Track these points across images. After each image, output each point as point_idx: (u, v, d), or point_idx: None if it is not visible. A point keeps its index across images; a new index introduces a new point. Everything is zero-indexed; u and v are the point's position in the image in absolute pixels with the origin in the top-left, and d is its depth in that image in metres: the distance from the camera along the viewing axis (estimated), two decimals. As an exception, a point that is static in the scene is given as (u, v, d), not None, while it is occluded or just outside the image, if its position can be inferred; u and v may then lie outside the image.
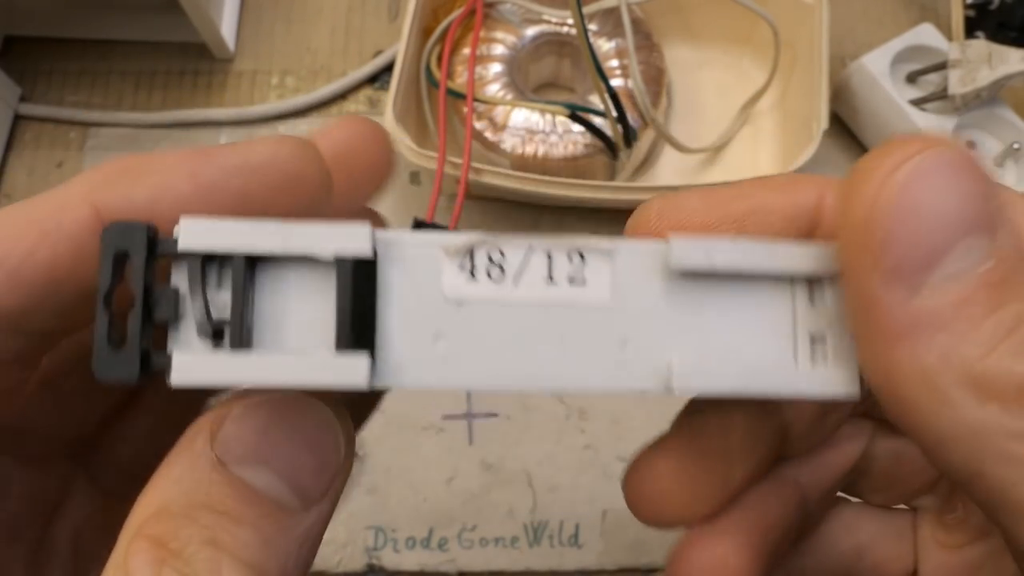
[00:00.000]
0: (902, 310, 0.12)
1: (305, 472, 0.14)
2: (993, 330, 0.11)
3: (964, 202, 0.12)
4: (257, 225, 0.14)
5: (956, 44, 0.42)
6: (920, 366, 0.12)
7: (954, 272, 0.12)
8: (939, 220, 0.12)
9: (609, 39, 0.44)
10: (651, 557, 0.39)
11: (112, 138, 0.48)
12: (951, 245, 0.12)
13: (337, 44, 0.50)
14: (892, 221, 0.12)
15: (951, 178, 0.12)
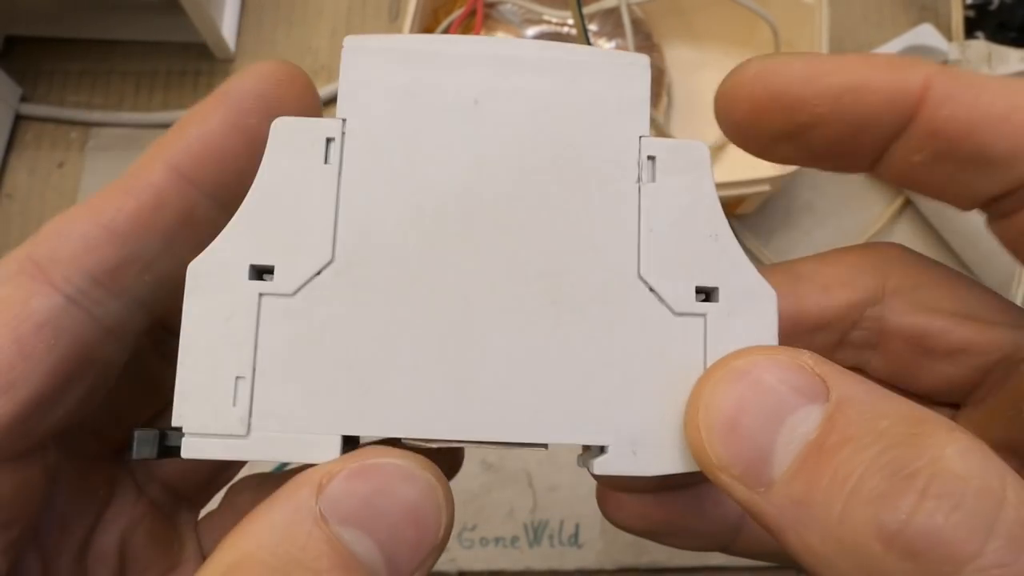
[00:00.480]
0: (769, 509, 0.13)
1: (403, 546, 0.14)
2: (836, 497, 0.12)
3: (765, 396, 0.13)
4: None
5: (956, 44, 0.43)
6: (807, 549, 0.12)
7: (788, 456, 0.13)
8: (751, 425, 0.13)
9: (609, 39, 0.44)
10: (651, 557, 0.39)
11: (113, 138, 0.48)
12: (772, 439, 0.13)
13: (338, 44, 0.50)
14: (715, 451, 0.13)
15: (752, 380, 0.13)
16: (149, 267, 0.16)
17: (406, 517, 0.14)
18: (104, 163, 0.47)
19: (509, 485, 0.40)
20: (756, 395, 0.13)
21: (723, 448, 0.13)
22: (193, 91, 0.49)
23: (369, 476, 0.14)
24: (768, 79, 0.16)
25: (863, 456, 0.12)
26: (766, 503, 0.13)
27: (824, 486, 0.12)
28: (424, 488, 0.14)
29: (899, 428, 0.12)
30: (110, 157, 0.48)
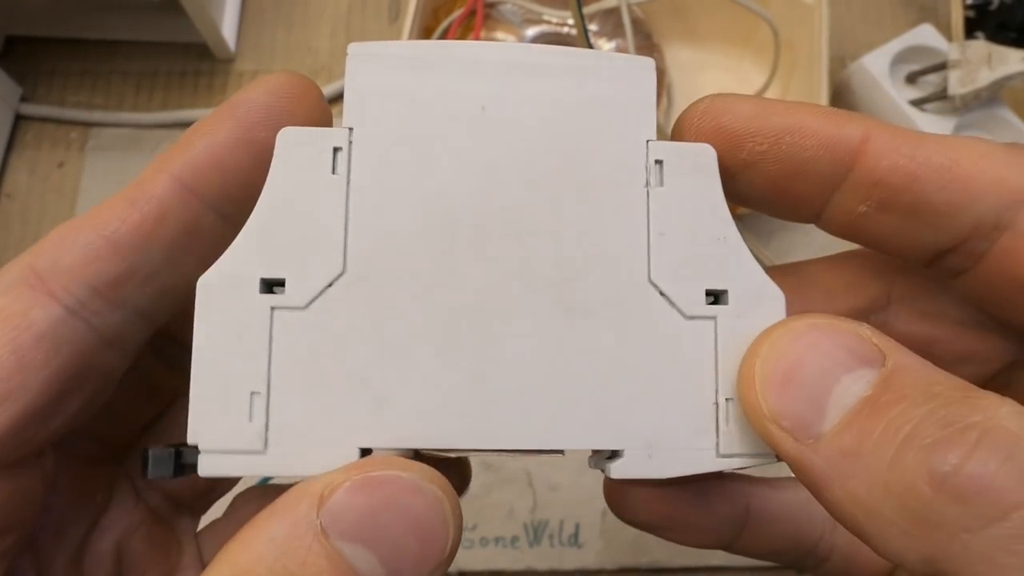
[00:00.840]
0: (816, 460, 0.13)
1: (407, 561, 0.13)
2: (890, 433, 0.12)
3: (823, 356, 0.14)
4: None
5: (956, 45, 0.43)
6: (852, 499, 0.13)
7: (839, 410, 0.13)
8: (806, 380, 0.14)
9: (609, 39, 0.44)
10: (651, 557, 0.39)
11: (113, 138, 0.48)
12: (827, 393, 0.13)
13: (338, 44, 0.50)
14: (768, 400, 0.14)
15: (811, 340, 0.14)
16: (151, 279, 0.16)
17: (411, 532, 0.13)
18: (104, 163, 0.47)
19: (509, 485, 0.40)
20: (814, 353, 0.14)
21: (776, 399, 0.14)
22: (193, 91, 0.49)
23: (373, 489, 0.13)
24: (716, 114, 0.17)
25: (917, 411, 0.12)
26: (814, 454, 0.13)
27: (876, 437, 0.12)
28: (430, 501, 0.14)
29: (952, 392, 0.12)
30: (110, 157, 0.48)
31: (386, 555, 0.13)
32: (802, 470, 0.14)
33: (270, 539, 0.13)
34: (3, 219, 0.47)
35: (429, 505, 0.14)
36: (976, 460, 0.11)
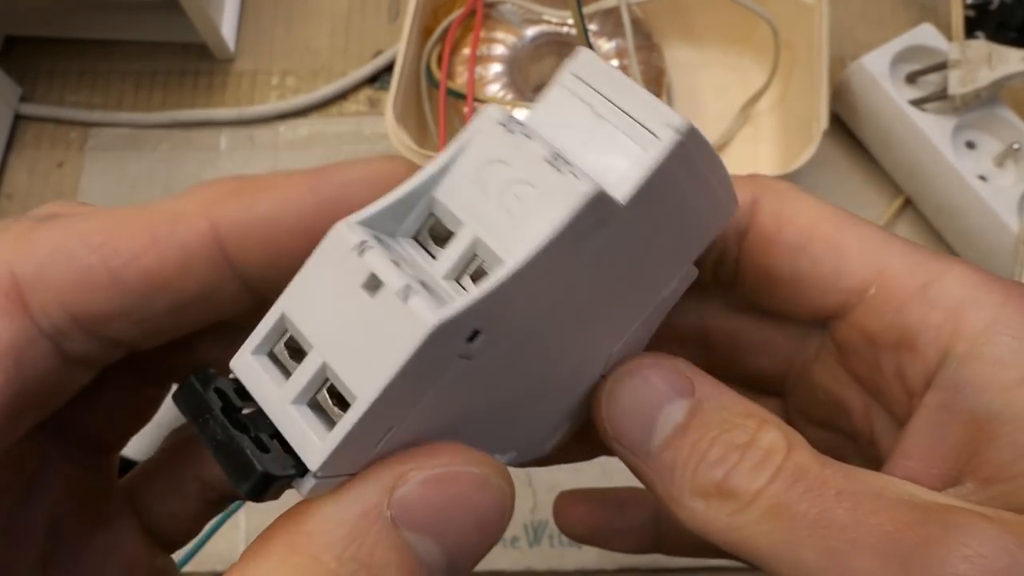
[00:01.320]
0: (647, 471, 0.18)
1: (466, 550, 0.14)
2: (694, 456, 0.17)
3: (650, 390, 0.18)
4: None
5: (956, 44, 0.42)
6: (671, 498, 0.17)
7: (662, 434, 0.17)
8: (637, 410, 0.18)
9: (609, 39, 0.44)
10: (651, 557, 0.39)
11: (113, 138, 0.48)
12: (653, 421, 0.17)
13: (337, 44, 0.50)
14: (612, 427, 0.18)
15: (642, 377, 0.18)
16: (142, 322, 0.15)
17: (474, 525, 0.14)
18: (104, 163, 0.47)
19: (509, 485, 0.40)
20: (644, 390, 0.18)
21: (620, 427, 0.18)
22: (192, 91, 0.49)
23: (446, 484, 0.13)
24: None
25: (710, 435, 0.17)
26: (645, 467, 0.17)
27: (684, 455, 0.17)
28: (497, 496, 0.14)
29: (734, 419, 0.17)
30: (110, 157, 0.48)
31: (450, 547, 0.13)
32: (638, 477, 0.18)
33: (337, 525, 0.13)
34: (3, 219, 0.46)
35: (494, 500, 0.14)
36: (735, 472, 0.16)
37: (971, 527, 0.15)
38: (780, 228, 0.19)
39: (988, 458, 0.16)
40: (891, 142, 0.44)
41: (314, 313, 0.14)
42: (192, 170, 0.47)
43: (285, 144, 0.48)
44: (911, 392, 0.18)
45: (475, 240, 0.15)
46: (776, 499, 0.16)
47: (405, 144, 0.39)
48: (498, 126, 0.15)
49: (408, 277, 0.14)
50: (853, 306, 0.19)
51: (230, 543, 0.38)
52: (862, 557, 0.15)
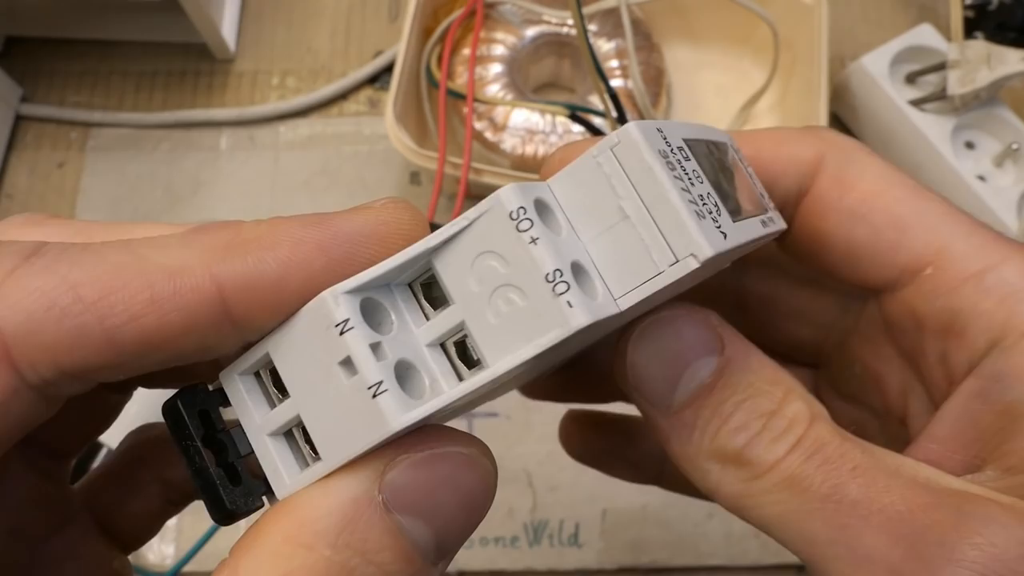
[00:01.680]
0: (663, 424, 0.17)
1: (454, 531, 0.14)
2: (716, 418, 0.17)
3: (678, 342, 0.17)
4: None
5: (955, 45, 0.43)
6: (685, 456, 0.17)
7: (686, 390, 0.17)
8: (663, 362, 0.17)
9: (609, 39, 0.44)
10: (651, 557, 0.39)
11: (113, 138, 0.48)
12: (678, 375, 0.17)
13: (338, 44, 0.50)
14: (635, 375, 0.17)
15: (664, 334, 0.17)
16: (131, 371, 0.14)
17: (462, 505, 0.14)
18: (104, 163, 0.47)
19: (509, 485, 0.40)
20: (673, 341, 0.17)
21: (643, 376, 0.17)
22: (193, 91, 0.49)
23: (435, 465, 0.14)
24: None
25: (735, 400, 0.17)
26: (664, 420, 0.17)
27: (706, 416, 0.17)
28: (483, 476, 0.14)
29: (763, 384, 0.17)
30: (110, 157, 0.48)
31: (439, 527, 0.14)
32: (652, 427, 0.18)
33: (328, 513, 0.13)
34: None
35: (481, 479, 0.14)
36: (759, 440, 0.16)
37: (985, 514, 0.15)
38: (842, 193, 0.19)
39: (1014, 447, 0.16)
40: (890, 142, 0.45)
41: (295, 365, 0.15)
42: (192, 170, 0.47)
43: (285, 144, 0.48)
44: (952, 378, 0.18)
45: (462, 323, 0.14)
46: (791, 471, 0.16)
47: (405, 144, 0.39)
48: (507, 219, 0.14)
49: (380, 368, 0.13)
50: (907, 283, 0.18)
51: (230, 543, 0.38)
52: (871, 535, 0.15)
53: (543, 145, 0.42)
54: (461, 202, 0.39)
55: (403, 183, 0.47)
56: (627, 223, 0.14)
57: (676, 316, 0.17)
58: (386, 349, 0.14)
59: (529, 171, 0.40)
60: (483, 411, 0.41)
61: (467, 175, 0.39)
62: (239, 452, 0.16)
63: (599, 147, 0.15)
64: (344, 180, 0.47)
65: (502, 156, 0.42)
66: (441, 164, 0.39)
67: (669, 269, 0.14)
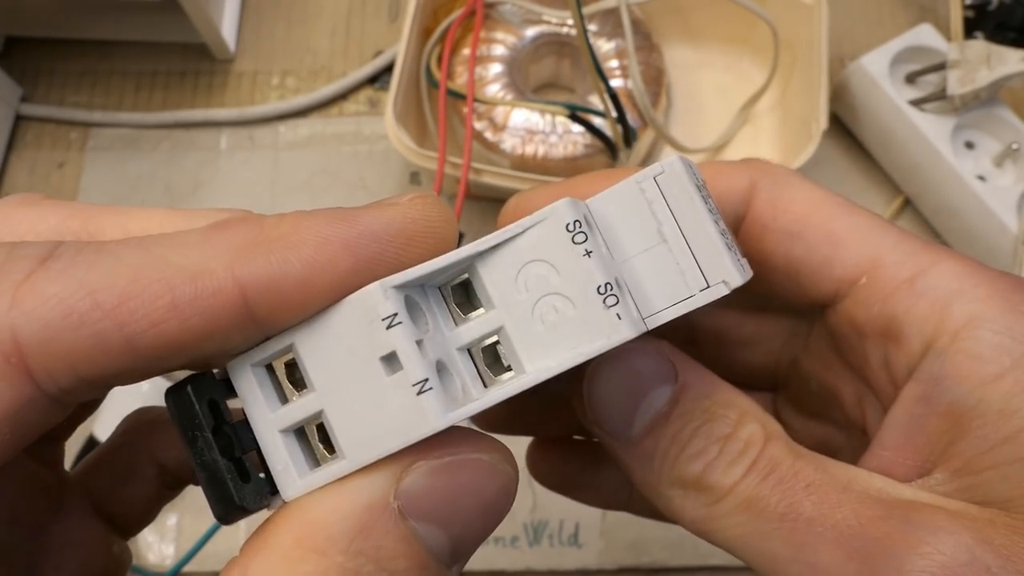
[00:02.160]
0: (624, 456, 0.18)
1: (471, 537, 0.14)
2: (675, 446, 0.17)
3: (631, 377, 0.17)
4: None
5: (955, 45, 0.43)
6: (647, 485, 0.18)
7: (643, 421, 0.17)
8: (620, 397, 0.18)
9: (609, 39, 0.44)
10: (651, 557, 0.39)
11: (113, 138, 0.48)
12: (635, 407, 0.17)
13: (337, 44, 0.50)
14: (593, 411, 0.18)
15: (617, 370, 0.18)
16: (149, 376, 0.14)
17: (481, 512, 0.14)
18: (104, 163, 0.48)
19: (509, 485, 0.40)
20: (628, 374, 0.18)
21: (601, 412, 0.18)
22: (193, 91, 0.49)
23: (454, 472, 0.13)
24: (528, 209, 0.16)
25: (692, 426, 0.17)
26: (623, 451, 0.18)
27: (665, 445, 0.17)
28: (504, 483, 0.14)
29: (717, 408, 0.17)
30: (110, 157, 0.48)
31: (456, 534, 0.13)
32: (616, 460, 0.18)
33: (343, 519, 0.13)
34: None
35: (502, 486, 0.14)
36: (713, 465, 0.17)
37: (932, 523, 0.15)
38: (776, 215, 0.19)
39: (959, 450, 0.17)
40: (890, 142, 0.45)
41: (324, 358, 0.14)
42: (192, 170, 0.47)
43: (285, 144, 0.48)
44: (896, 383, 0.19)
45: (500, 328, 0.15)
46: (748, 492, 0.16)
47: (405, 144, 0.39)
48: (563, 231, 0.14)
49: (425, 366, 0.13)
50: (845, 295, 0.19)
51: (230, 543, 0.38)
52: (827, 550, 0.15)
53: (543, 145, 0.42)
54: (461, 202, 0.39)
55: (403, 183, 0.47)
56: (664, 247, 0.15)
57: (628, 351, 0.17)
58: (427, 347, 0.14)
59: (529, 171, 0.40)
60: (483, 411, 0.41)
61: (467, 175, 0.39)
62: (243, 447, 0.15)
63: (643, 174, 0.15)
64: (344, 180, 0.47)
65: (502, 156, 0.42)
66: (441, 164, 0.39)
67: (700, 294, 0.15)
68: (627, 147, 0.41)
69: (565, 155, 0.42)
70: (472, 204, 0.45)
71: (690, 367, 0.18)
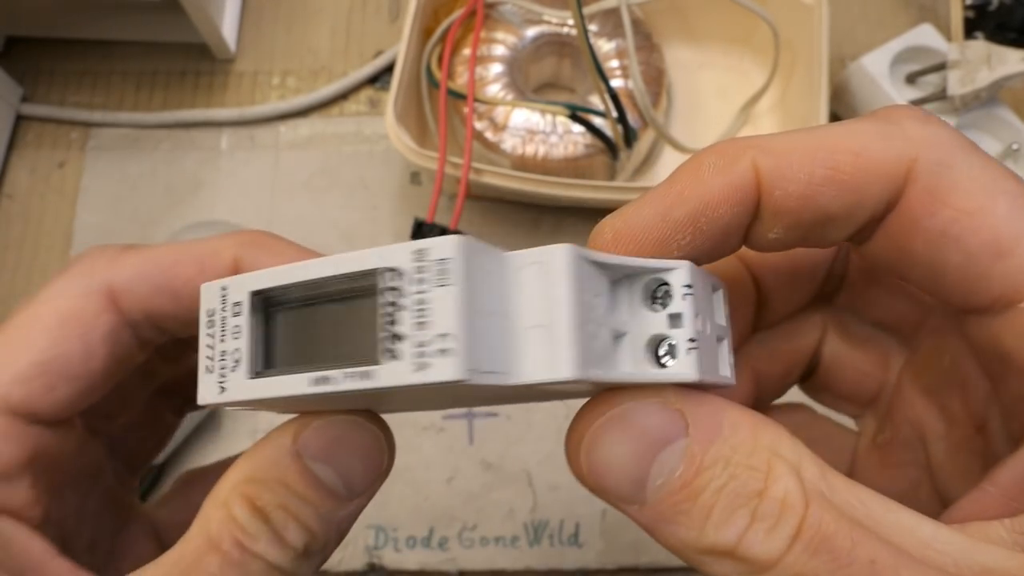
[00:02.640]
0: (641, 517, 0.16)
1: (356, 473, 0.18)
2: (699, 513, 0.15)
3: (636, 441, 0.16)
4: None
5: (955, 45, 0.43)
6: (670, 546, 0.16)
7: (657, 488, 0.16)
8: (624, 466, 0.16)
9: (609, 39, 0.44)
10: (651, 557, 0.39)
11: (113, 138, 0.48)
12: (645, 472, 0.16)
13: (338, 44, 0.50)
14: (596, 482, 0.16)
15: (620, 431, 0.16)
16: (186, 322, 0.21)
17: (356, 453, 0.18)
18: (104, 163, 0.48)
19: (509, 485, 0.40)
20: (630, 440, 0.16)
21: (605, 483, 0.16)
22: (193, 91, 0.49)
23: (330, 427, 0.18)
24: (626, 235, 0.17)
25: (714, 485, 0.15)
26: (638, 515, 0.16)
27: (685, 510, 0.15)
28: (370, 434, 0.18)
29: (741, 458, 0.15)
30: (110, 157, 0.48)
31: (340, 469, 0.18)
32: (633, 519, 0.16)
33: (263, 459, 0.18)
34: (3, 219, 0.47)
35: (370, 437, 0.18)
36: (748, 536, 0.15)
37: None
38: (934, 209, 0.16)
39: None
40: (891, 142, 0.45)
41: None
42: (192, 170, 0.47)
43: (285, 144, 0.48)
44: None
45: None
46: (798, 569, 0.14)
47: (405, 144, 0.39)
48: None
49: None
50: (996, 313, 0.16)
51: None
52: None
53: (543, 145, 0.42)
54: (461, 202, 0.39)
55: (403, 183, 0.47)
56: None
57: (626, 410, 0.16)
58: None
59: (529, 171, 0.40)
60: (483, 411, 0.41)
61: (467, 175, 0.39)
62: None
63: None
64: (344, 180, 0.47)
65: (502, 156, 0.42)
66: (441, 164, 0.39)
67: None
68: (627, 147, 0.42)
69: (565, 155, 0.42)
70: (472, 204, 0.45)
71: (703, 410, 0.16)
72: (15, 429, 0.19)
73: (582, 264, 0.15)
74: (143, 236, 0.45)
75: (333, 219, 0.46)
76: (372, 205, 0.46)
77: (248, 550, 0.17)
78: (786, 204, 0.17)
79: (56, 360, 0.19)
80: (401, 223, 0.45)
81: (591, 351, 0.15)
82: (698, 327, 0.16)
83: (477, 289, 0.14)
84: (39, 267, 0.45)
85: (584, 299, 0.15)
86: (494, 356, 0.15)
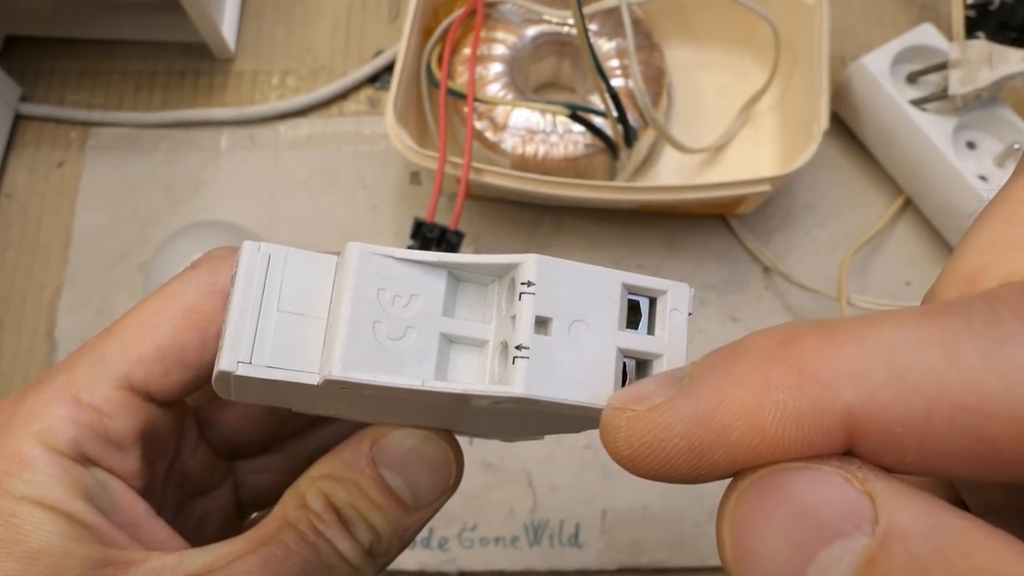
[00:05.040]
0: None
1: (423, 486, 0.20)
2: None
3: (795, 524, 0.11)
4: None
5: (956, 44, 0.42)
6: None
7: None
8: (774, 555, 0.11)
9: (609, 39, 0.44)
10: (651, 557, 0.39)
11: (113, 138, 0.48)
12: (804, 563, 0.11)
13: (338, 44, 0.50)
14: (737, 551, 0.12)
15: (772, 502, 0.12)
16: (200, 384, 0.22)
17: (426, 467, 0.20)
18: (104, 163, 0.47)
19: (509, 485, 0.40)
20: (786, 518, 0.11)
21: (751, 566, 0.12)
22: (193, 91, 0.49)
23: (407, 439, 0.20)
24: (642, 451, 0.13)
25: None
26: None
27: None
28: (441, 450, 0.20)
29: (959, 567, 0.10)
30: (110, 157, 0.48)
31: (410, 480, 0.20)
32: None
33: (343, 461, 0.20)
34: (2, 219, 0.46)
35: (440, 453, 0.20)
36: None
37: None
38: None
39: None
40: (892, 142, 0.44)
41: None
42: (192, 170, 0.47)
43: (285, 144, 0.48)
44: None
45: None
46: None
47: (405, 144, 0.39)
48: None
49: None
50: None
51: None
52: None
53: (544, 145, 0.42)
54: (461, 202, 0.39)
55: (403, 183, 0.47)
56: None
57: (794, 471, 0.12)
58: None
59: (529, 171, 0.40)
60: (483, 411, 0.41)
61: (467, 175, 0.39)
62: None
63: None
64: (344, 180, 0.47)
65: (502, 156, 0.42)
66: (441, 164, 0.39)
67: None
68: (628, 147, 0.41)
69: (566, 155, 0.42)
70: (472, 204, 0.45)
71: (900, 496, 0.11)
72: (133, 405, 0.20)
73: (371, 259, 0.15)
74: (143, 236, 0.45)
75: (333, 219, 0.46)
76: (372, 205, 0.46)
77: (321, 534, 0.19)
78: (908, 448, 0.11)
79: (175, 347, 0.20)
80: (401, 223, 0.45)
81: (374, 352, 0.15)
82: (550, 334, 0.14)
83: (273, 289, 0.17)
84: (38, 267, 0.45)
85: (370, 296, 0.15)
86: (282, 353, 0.16)
